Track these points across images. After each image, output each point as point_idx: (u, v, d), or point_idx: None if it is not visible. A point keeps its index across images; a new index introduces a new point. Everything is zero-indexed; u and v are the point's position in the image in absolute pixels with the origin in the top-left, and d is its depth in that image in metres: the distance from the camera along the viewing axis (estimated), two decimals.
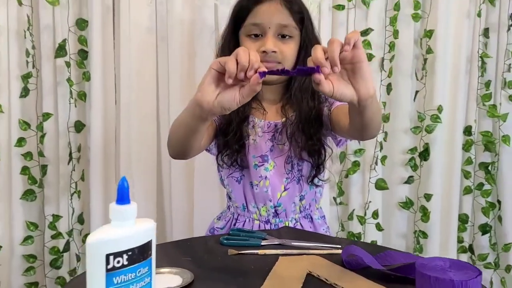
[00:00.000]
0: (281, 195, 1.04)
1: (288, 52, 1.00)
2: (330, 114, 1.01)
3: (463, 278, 0.60)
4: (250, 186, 1.05)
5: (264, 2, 1.00)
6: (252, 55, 0.66)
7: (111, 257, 0.47)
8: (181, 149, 0.90)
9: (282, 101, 1.06)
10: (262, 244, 0.85)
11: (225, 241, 0.86)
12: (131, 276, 0.49)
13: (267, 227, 1.05)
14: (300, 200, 1.07)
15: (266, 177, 1.03)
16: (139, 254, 0.50)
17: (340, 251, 0.81)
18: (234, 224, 1.07)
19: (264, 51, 0.97)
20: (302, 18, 1.03)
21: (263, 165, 1.04)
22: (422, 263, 0.65)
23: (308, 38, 1.03)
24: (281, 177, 1.04)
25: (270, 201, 1.04)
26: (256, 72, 0.66)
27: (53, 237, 1.50)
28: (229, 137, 1.01)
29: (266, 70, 0.67)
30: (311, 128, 1.01)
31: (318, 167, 1.04)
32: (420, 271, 0.62)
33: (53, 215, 1.50)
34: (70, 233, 1.51)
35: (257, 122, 1.06)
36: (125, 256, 0.48)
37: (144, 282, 0.51)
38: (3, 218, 1.49)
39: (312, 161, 1.04)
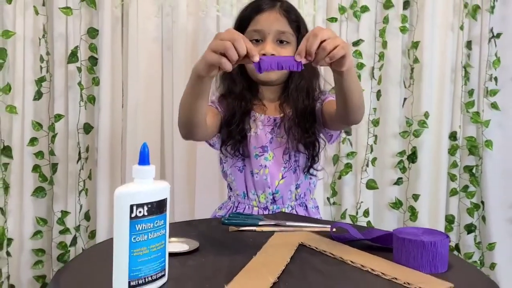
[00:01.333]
0: (278, 183, 1.14)
1: (286, 55, 1.11)
2: (322, 108, 1.13)
3: (432, 240, 0.69)
4: (251, 174, 1.15)
5: (264, 11, 1.12)
6: (249, 45, 0.77)
7: (134, 207, 0.57)
8: (188, 120, 0.96)
9: (280, 99, 1.18)
10: (259, 224, 0.94)
11: (226, 221, 0.95)
12: (149, 226, 0.58)
13: (265, 213, 1.14)
14: (296, 188, 1.17)
15: (265, 166, 1.14)
16: (156, 207, 0.59)
17: (329, 229, 0.90)
18: (235, 212, 1.16)
19: (264, 54, 1.08)
20: (299, 26, 1.15)
21: (263, 155, 1.14)
22: (399, 230, 0.74)
23: None
24: (279, 166, 1.15)
25: (269, 187, 1.14)
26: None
27: (61, 232, 1.58)
28: (232, 128, 1.12)
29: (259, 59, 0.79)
30: (306, 122, 1.13)
31: (313, 158, 1.15)
32: (397, 235, 0.72)
33: (61, 211, 1.58)
34: (77, 229, 1.59)
35: (258, 116, 1.17)
36: (145, 208, 0.58)
37: (160, 233, 0.60)
38: (15, 214, 1.57)
39: (307, 152, 1.15)
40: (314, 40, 0.77)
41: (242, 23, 1.14)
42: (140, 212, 0.57)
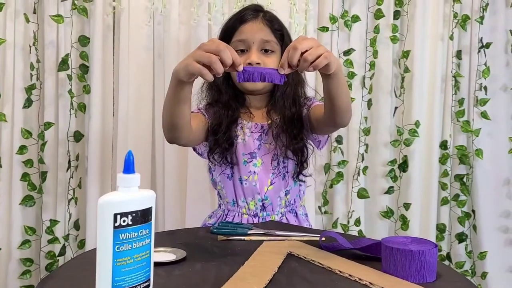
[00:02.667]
0: (267, 189, 1.14)
1: (270, 64, 1.12)
2: (309, 113, 1.14)
3: (421, 249, 0.69)
4: (240, 181, 1.15)
5: (248, 21, 1.14)
6: (234, 54, 0.78)
7: (118, 216, 0.56)
8: (171, 123, 0.97)
9: (267, 106, 1.18)
10: (248, 233, 0.94)
11: (215, 230, 0.94)
12: (134, 235, 0.58)
13: (255, 220, 1.13)
14: (286, 194, 1.16)
15: (254, 172, 1.14)
16: (141, 216, 0.58)
17: (318, 238, 0.90)
18: (225, 219, 1.15)
19: (249, 63, 1.09)
20: (282, 35, 1.17)
21: (251, 161, 1.14)
22: (387, 239, 0.74)
23: None
24: (268, 172, 1.14)
25: (258, 194, 1.13)
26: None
27: (50, 241, 1.57)
28: (219, 136, 1.12)
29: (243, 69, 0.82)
30: (294, 129, 1.13)
31: (302, 164, 1.15)
32: (385, 245, 0.71)
33: (50, 220, 1.57)
34: (66, 238, 1.58)
35: (245, 123, 1.17)
36: (129, 217, 0.57)
37: (145, 242, 0.59)
38: (3, 222, 1.55)
39: (296, 158, 1.15)
40: (294, 53, 0.79)
41: (227, 34, 1.15)
42: (124, 221, 0.56)
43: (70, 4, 1.53)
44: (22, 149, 1.55)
